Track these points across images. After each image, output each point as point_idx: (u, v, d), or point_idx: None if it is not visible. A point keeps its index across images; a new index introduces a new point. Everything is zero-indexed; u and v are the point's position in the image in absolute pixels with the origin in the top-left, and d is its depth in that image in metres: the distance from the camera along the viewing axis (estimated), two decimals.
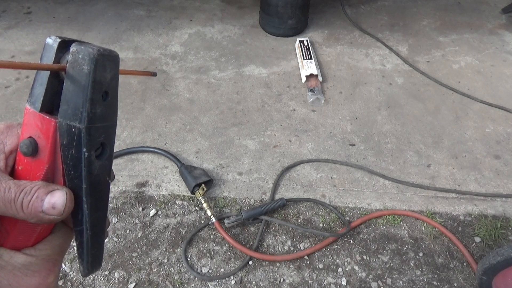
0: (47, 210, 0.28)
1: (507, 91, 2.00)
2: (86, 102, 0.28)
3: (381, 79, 2.06)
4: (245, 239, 1.36)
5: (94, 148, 0.30)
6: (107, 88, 0.30)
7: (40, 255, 0.31)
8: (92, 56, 0.28)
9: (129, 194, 1.48)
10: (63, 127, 0.29)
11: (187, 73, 2.07)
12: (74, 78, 0.29)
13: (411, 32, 2.46)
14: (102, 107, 0.30)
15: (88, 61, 0.28)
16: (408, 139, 1.73)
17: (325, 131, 1.76)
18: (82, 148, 0.29)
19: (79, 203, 0.30)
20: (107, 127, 0.31)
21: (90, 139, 0.29)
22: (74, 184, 0.30)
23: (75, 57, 0.28)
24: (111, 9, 2.58)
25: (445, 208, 1.47)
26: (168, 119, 1.79)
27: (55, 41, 0.30)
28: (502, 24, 2.56)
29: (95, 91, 0.29)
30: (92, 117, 0.29)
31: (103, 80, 0.29)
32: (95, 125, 0.29)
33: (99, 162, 0.31)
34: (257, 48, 2.28)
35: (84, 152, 0.29)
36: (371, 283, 1.26)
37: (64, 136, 0.29)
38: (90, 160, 0.29)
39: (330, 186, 1.53)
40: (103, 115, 0.30)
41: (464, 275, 1.29)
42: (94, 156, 0.30)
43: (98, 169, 0.31)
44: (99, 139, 0.30)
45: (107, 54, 0.30)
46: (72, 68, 0.29)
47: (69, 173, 0.30)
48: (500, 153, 1.67)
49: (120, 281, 1.25)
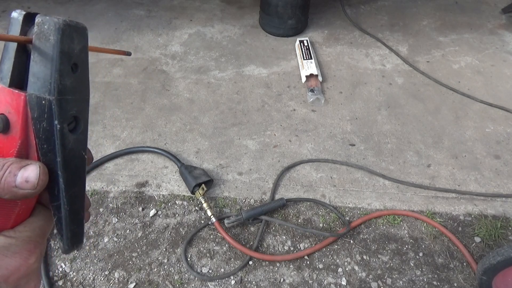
0: (20, 184, 0.28)
1: (507, 91, 2.00)
2: (55, 73, 0.28)
3: (381, 79, 2.06)
4: (245, 239, 1.36)
5: (67, 121, 0.29)
6: (76, 60, 0.29)
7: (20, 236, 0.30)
8: (58, 26, 0.28)
9: (129, 194, 1.48)
10: (33, 100, 0.28)
11: (187, 73, 2.07)
12: (41, 49, 0.28)
13: (411, 32, 2.46)
14: (72, 79, 0.29)
15: (54, 31, 0.28)
16: (408, 139, 1.73)
17: (325, 131, 1.76)
18: (53, 121, 0.28)
19: (55, 178, 0.30)
20: (79, 101, 0.30)
21: (61, 112, 0.28)
22: (48, 158, 0.29)
23: (41, 28, 0.28)
24: (111, 9, 2.58)
25: (445, 208, 1.47)
26: (168, 119, 1.79)
27: (20, 14, 0.30)
28: (502, 24, 2.56)
29: (63, 62, 0.28)
30: (61, 88, 0.28)
31: (71, 51, 0.29)
32: (65, 97, 0.29)
33: (73, 136, 0.30)
34: (257, 48, 2.28)
35: (56, 125, 0.28)
36: (371, 283, 1.26)
37: (35, 110, 0.28)
38: (63, 133, 0.29)
39: (330, 186, 1.53)
40: (73, 88, 0.29)
41: (464, 275, 1.29)
42: (67, 129, 0.29)
43: (72, 143, 0.30)
44: (71, 112, 0.29)
45: (74, 25, 0.29)
46: (38, 40, 0.28)
47: (42, 147, 0.29)
48: (500, 153, 1.67)
49: (120, 281, 1.25)
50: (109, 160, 1.59)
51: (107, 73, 2.04)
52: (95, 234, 1.37)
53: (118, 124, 1.76)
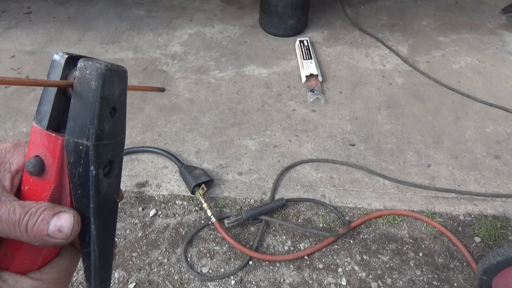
0: (53, 233, 0.27)
1: (507, 91, 2.00)
2: (94, 118, 0.27)
3: (381, 79, 2.06)
4: (245, 239, 1.36)
5: (102, 166, 0.29)
6: (115, 104, 0.29)
7: (46, 278, 0.30)
8: (100, 72, 0.27)
9: (129, 194, 1.48)
10: (70, 144, 0.28)
11: (187, 73, 2.07)
12: (82, 94, 0.28)
13: (411, 32, 2.46)
14: (110, 123, 0.29)
15: (95, 76, 0.27)
16: (408, 139, 1.73)
17: (325, 131, 1.76)
18: (89, 166, 0.28)
19: (87, 224, 0.29)
20: (115, 144, 0.30)
21: (98, 157, 0.28)
22: (82, 204, 0.29)
23: (82, 73, 0.28)
24: (111, 9, 2.58)
25: (445, 208, 1.47)
26: (168, 119, 1.79)
27: (62, 57, 0.29)
28: (502, 24, 2.56)
29: (103, 107, 0.28)
30: (100, 134, 0.28)
31: (111, 96, 0.29)
32: (103, 142, 0.28)
33: (107, 180, 0.30)
34: (257, 48, 2.28)
35: (91, 170, 0.28)
36: (371, 283, 1.26)
37: (72, 154, 0.28)
38: (98, 179, 0.29)
39: (330, 186, 1.53)
40: (111, 132, 0.29)
41: (464, 275, 1.29)
42: (102, 175, 0.29)
43: (106, 188, 0.30)
44: (107, 156, 0.29)
45: (115, 69, 0.29)
46: (79, 84, 0.28)
47: (76, 193, 0.29)
48: (500, 153, 1.67)
49: (120, 281, 1.25)
50: None
51: None
52: None
53: None
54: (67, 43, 2.25)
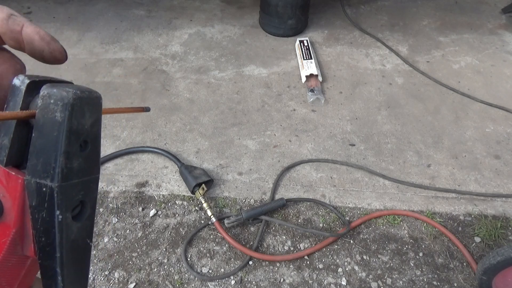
0: None
1: (507, 91, 2.00)
2: (59, 155, 0.23)
3: (381, 79, 2.06)
4: (245, 239, 1.36)
5: (71, 208, 0.25)
6: (86, 137, 0.25)
7: None
8: (66, 101, 0.23)
9: (129, 194, 1.48)
10: (31, 185, 0.24)
11: (187, 73, 2.07)
12: (44, 127, 0.24)
13: (411, 32, 2.46)
14: (80, 160, 0.25)
15: (61, 107, 0.23)
16: (408, 139, 1.73)
17: (325, 131, 1.76)
18: (55, 211, 0.24)
19: (52, 276, 0.25)
20: (87, 182, 0.26)
21: (64, 199, 0.24)
22: (46, 253, 0.25)
23: (45, 103, 0.24)
24: (111, 9, 2.58)
25: (445, 208, 1.47)
26: (168, 119, 1.79)
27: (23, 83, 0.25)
28: (502, 24, 2.56)
29: (71, 142, 0.24)
30: (67, 173, 0.24)
31: (80, 128, 0.24)
32: (71, 182, 0.24)
33: (77, 224, 0.25)
34: (257, 48, 2.28)
35: (57, 215, 0.24)
36: (371, 283, 1.26)
37: (34, 197, 0.24)
38: (65, 224, 0.24)
39: (330, 186, 1.53)
40: (81, 169, 0.25)
41: (464, 275, 1.29)
42: (70, 219, 0.25)
43: (76, 233, 0.25)
44: (76, 197, 0.25)
45: (86, 97, 0.24)
46: (42, 116, 0.24)
47: (39, 240, 0.25)
48: (500, 153, 1.67)
49: (120, 281, 1.25)
50: (109, 160, 1.59)
51: (107, 73, 2.04)
52: (95, 234, 1.37)
53: (118, 124, 1.76)
54: (67, 43, 2.25)
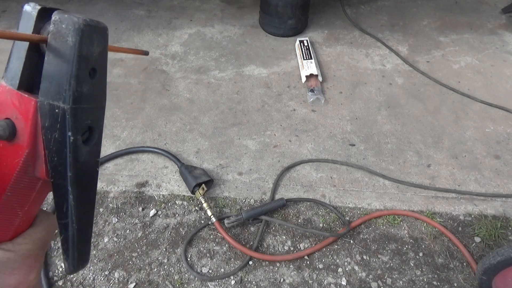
0: None
1: (507, 91, 2.00)
2: (71, 79, 0.25)
3: (381, 79, 2.06)
4: (245, 239, 1.36)
5: (81, 132, 0.26)
6: (95, 64, 0.27)
7: (19, 250, 0.27)
8: (77, 26, 0.24)
9: (129, 194, 1.48)
10: (44, 107, 0.25)
11: (187, 73, 2.07)
12: (57, 51, 0.25)
13: (411, 32, 2.46)
14: (89, 85, 0.26)
15: (72, 31, 0.24)
16: (408, 139, 1.73)
17: (325, 131, 1.76)
18: (67, 132, 0.25)
19: (64, 194, 0.27)
20: (95, 109, 0.28)
21: (75, 122, 0.26)
22: (58, 172, 0.26)
23: (57, 27, 0.25)
24: (111, 9, 2.58)
25: (445, 208, 1.47)
26: (168, 119, 1.79)
27: (34, 9, 0.26)
28: (502, 24, 2.56)
29: (81, 67, 0.25)
30: (78, 96, 0.25)
31: (90, 54, 0.26)
32: (81, 106, 0.26)
33: (86, 148, 0.27)
34: (257, 48, 2.28)
35: (69, 136, 0.26)
36: (371, 283, 1.26)
37: (46, 118, 0.25)
38: (76, 145, 0.26)
39: (330, 186, 1.53)
40: (90, 95, 0.27)
41: (464, 275, 1.29)
42: (80, 141, 0.26)
43: (85, 155, 0.27)
44: (86, 121, 0.27)
45: (94, 25, 0.26)
46: (54, 40, 0.25)
47: (52, 160, 0.26)
48: (500, 153, 1.67)
49: (120, 281, 1.25)
50: (109, 160, 1.59)
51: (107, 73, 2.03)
52: (95, 234, 1.37)
53: (118, 124, 1.76)
54: None
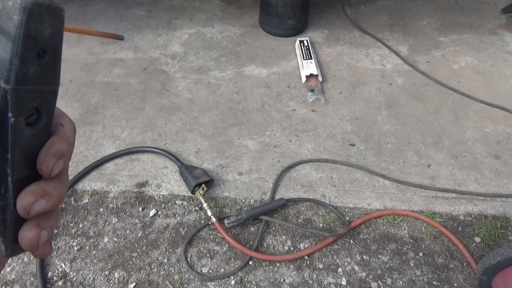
0: None
1: (507, 91, 2.00)
2: (15, 58, 0.24)
3: (381, 79, 2.06)
4: (245, 239, 1.36)
5: (25, 114, 0.26)
6: (45, 46, 0.26)
7: None
8: (24, 4, 0.24)
9: (129, 194, 1.48)
10: None
11: (187, 73, 2.07)
12: (2, 28, 0.24)
13: (411, 32, 2.46)
14: (36, 67, 0.26)
15: (19, 9, 0.24)
16: (408, 139, 1.73)
17: (325, 131, 1.76)
18: (7, 113, 0.25)
19: (3, 176, 0.26)
20: (44, 92, 0.27)
21: (18, 103, 0.25)
22: None
23: (4, 4, 0.24)
24: (111, 9, 2.58)
25: (445, 208, 1.47)
26: (168, 119, 1.79)
27: None
28: (502, 24, 2.56)
29: (28, 47, 0.25)
30: (21, 77, 0.25)
31: (38, 34, 0.25)
32: (25, 87, 0.25)
33: (30, 130, 0.27)
34: (257, 48, 2.28)
35: (9, 117, 0.25)
36: (371, 283, 1.26)
37: None
38: (17, 127, 0.25)
39: (330, 186, 1.53)
40: (38, 77, 0.26)
41: (464, 275, 1.29)
42: (23, 123, 0.26)
43: (29, 138, 0.27)
44: (31, 104, 0.26)
45: (46, 5, 0.25)
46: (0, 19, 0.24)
47: None
48: (500, 153, 1.67)
49: (120, 281, 1.25)
50: (109, 160, 1.59)
51: (107, 73, 2.03)
52: (95, 234, 1.37)
53: (118, 124, 1.76)
54: (67, 42, 2.25)
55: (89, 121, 1.76)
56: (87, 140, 1.67)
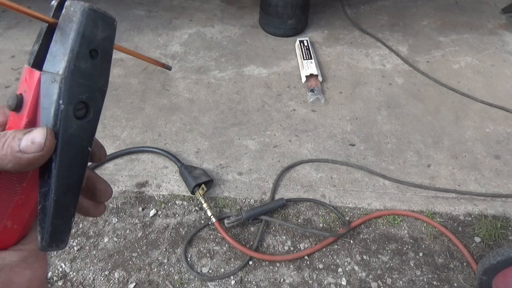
0: (25, 147, 0.26)
1: (507, 91, 2.00)
2: (70, 52, 0.27)
3: (381, 79, 2.06)
4: (245, 239, 1.36)
5: (73, 103, 0.28)
6: (97, 47, 0.29)
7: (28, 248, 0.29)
8: (82, 9, 0.28)
9: (129, 194, 1.48)
10: (45, 78, 0.28)
11: (187, 73, 2.07)
12: (63, 29, 0.28)
13: (411, 32, 2.46)
14: (88, 64, 0.28)
15: (78, 13, 0.28)
16: (408, 139, 1.73)
17: (325, 131, 1.76)
18: (59, 100, 0.27)
19: (49, 162, 0.28)
20: (93, 88, 0.29)
21: (69, 92, 0.27)
22: None
23: (67, 10, 0.28)
24: (111, 9, 2.58)
25: (445, 208, 1.47)
26: (168, 119, 1.79)
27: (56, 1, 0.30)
28: (502, 24, 2.56)
29: (82, 44, 0.28)
30: (74, 69, 0.28)
31: (92, 36, 0.29)
32: (76, 79, 0.28)
33: (78, 121, 0.29)
34: (257, 48, 2.28)
35: (60, 104, 0.27)
36: (371, 283, 1.26)
37: (45, 87, 0.28)
38: (66, 115, 0.28)
39: (330, 186, 1.53)
40: (88, 73, 0.29)
41: (464, 275, 1.28)
42: (71, 113, 0.28)
43: (76, 129, 0.29)
44: (80, 96, 0.28)
45: (101, 13, 0.29)
46: (63, 21, 0.28)
47: None
48: (500, 153, 1.67)
49: (120, 281, 1.25)
50: (109, 160, 1.59)
51: None
52: (95, 234, 1.37)
53: (118, 124, 1.76)
54: None
55: None
56: None
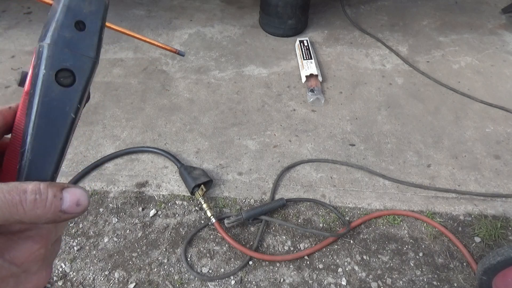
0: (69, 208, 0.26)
1: (507, 91, 2.00)
2: (54, 22, 0.29)
3: (381, 79, 2.06)
4: (245, 239, 1.36)
5: (55, 69, 0.29)
6: (84, 19, 0.30)
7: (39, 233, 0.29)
8: None
9: (129, 194, 1.48)
10: (37, 49, 0.29)
11: (187, 73, 2.07)
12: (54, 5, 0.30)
13: (411, 32, 2.46)
14: (73, 34, 0.30)
15: None
16: (408, 139, 1.73)
17: (325, 131, 1.76)
18: (41, 65, 0.28)
19: (28, 122, 0.29)
20: (79, 57, 0.30)
21: (50, 58, 0.29)
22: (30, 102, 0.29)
23: None
24: (111, 9, 2.58)
25: (445, 208, 1.47)
26: (168, 119, 1.79)
27: None
28: (502, 24, 2.56)
29: (67, 16, 0.29)
30: (57, 38, 0.29)
31: (77, 8, 0.30)
32: (60, 47, 0.29)
33: (60, 88, 0.29)
34: (257, 48, 2.28)
35: (42, 69, 0.28)
36: (371, 283, 1.26)
37: (36, 57, 0.29)
38: (46, 80, 0.29)
39: (330, 186, 1.53)
40: (73, 43, 0.30)
41: (464, 275, 1.29)
42: (53, 78, 0.29)
43: (57, 94, 0.29)
44: (63, 63, 0.29)
45: None
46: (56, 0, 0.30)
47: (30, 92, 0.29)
48: (500, 153, 1.67)
49: (120, 281, 1.25)
50: (109, 160, 1.59)
51: (107, 73, 2.03)
52: (95, 234, 1.37)
53: (118, 124, 1.76)
54: None
55: (89, 121, 1.76)
56: (87, 140, 1.67)
